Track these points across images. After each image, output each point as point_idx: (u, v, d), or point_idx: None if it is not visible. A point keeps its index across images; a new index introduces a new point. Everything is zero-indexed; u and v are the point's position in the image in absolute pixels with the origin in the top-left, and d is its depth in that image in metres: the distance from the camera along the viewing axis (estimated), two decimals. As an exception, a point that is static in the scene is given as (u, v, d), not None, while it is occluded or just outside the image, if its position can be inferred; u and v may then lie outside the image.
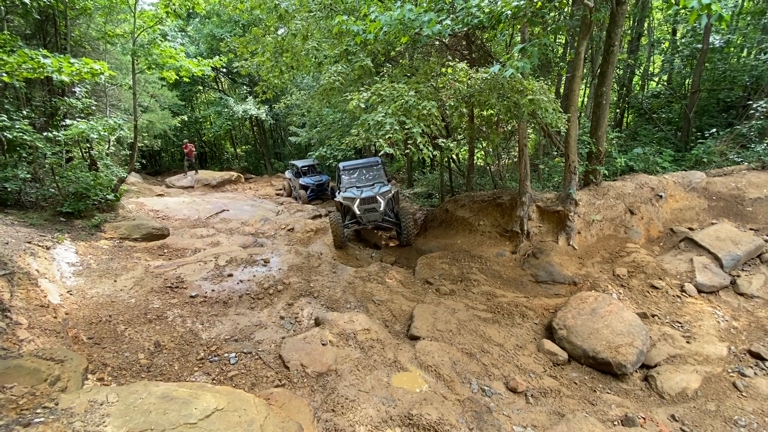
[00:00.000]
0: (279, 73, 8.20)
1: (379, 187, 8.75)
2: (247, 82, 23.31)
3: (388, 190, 8.71)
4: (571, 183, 6.81)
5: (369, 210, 8.38)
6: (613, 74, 7.84)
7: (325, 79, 6.12)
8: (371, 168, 9.38)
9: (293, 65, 7.98)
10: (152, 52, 8.64)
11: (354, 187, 8.88)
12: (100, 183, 8.49)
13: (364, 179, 9.17)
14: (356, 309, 6.05)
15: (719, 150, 9.01)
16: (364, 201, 8.35)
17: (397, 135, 4.25)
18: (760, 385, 4.23)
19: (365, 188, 8.81)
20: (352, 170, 9.34)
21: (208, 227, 10.19)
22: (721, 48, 11.65)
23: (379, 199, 8.40)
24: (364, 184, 9.05)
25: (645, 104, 13.19)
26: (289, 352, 4.61)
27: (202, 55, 17.32)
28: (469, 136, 9.35)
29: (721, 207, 7.30)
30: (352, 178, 9.21)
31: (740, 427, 3.79)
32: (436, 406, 3.97)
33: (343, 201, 8.52)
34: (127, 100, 12.50)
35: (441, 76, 5.84)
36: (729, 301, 5.48)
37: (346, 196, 8.53)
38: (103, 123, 7.81)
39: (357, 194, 8.45)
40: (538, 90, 5.08)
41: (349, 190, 8.73)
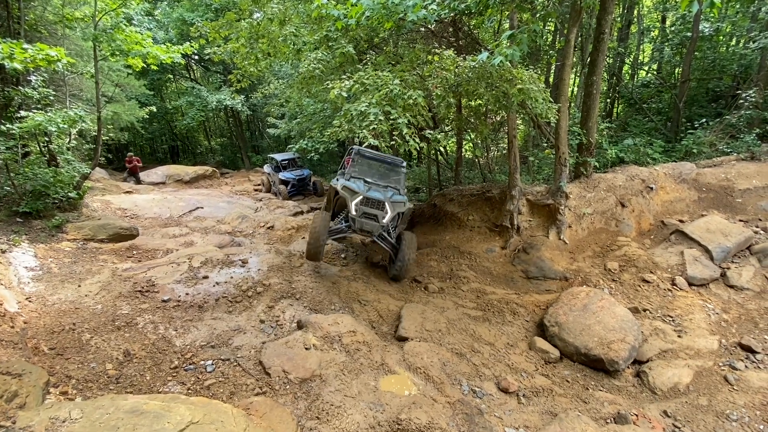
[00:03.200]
0: (255, 61, 8.02)
1: (392, 193, 7.00)
2: (221, 70, 22.82)
3: (402, 202, 6.90)
4: (562, 175, 6.89)
5: (369, 216, 6.53)
6: (604, 63, 7.95)
7: (304, 67, 6.00)
8: (393, 169, 7.54)
9: (270, 52, 7.81)
10: (116, 37, 8.32)
11: (361, 180, 6.97)
12: (60, 180, 8.18)
13: (378, 177, 7.31)
14: (341, 310, 6.01)
15: (709, 140, 9.27)
16: (368, 202, 6.52)
17: (382, 126, 4.20)
18: (751, 378, 4.39)
19: (375, 187, 6.94)
20: (369, 160, 7.41)
21: (181, 226, 9.96)
22: (711, 36, 11.97)
23: (387, 207, 6.55)
24: (376, 182, 7.14)
25: (635, 94, 13.47)
26: (270, 358, 4.55)
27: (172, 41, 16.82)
28: (457, 128, 9.37)
29: (711, 198, 7.51)
30: (364, 168, 7.33)
31: (732, 422, 3.92)
32: (425, 410, 3.98)
33: (340, 189, 6.62)
34: (90, 90, 12.07)
35: (427, 64, 5.80)
36: (719, 293, 5.65)
37: (348, 185, 6.61)
38: (62, 115, 7.50)
39: (362, 189, 6.61)
40: (528, 79, 5.10)
41: (354, 181, 6.86)
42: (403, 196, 7.17)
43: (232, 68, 17.20)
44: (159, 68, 16.96)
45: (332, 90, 4.72)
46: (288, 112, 17.20)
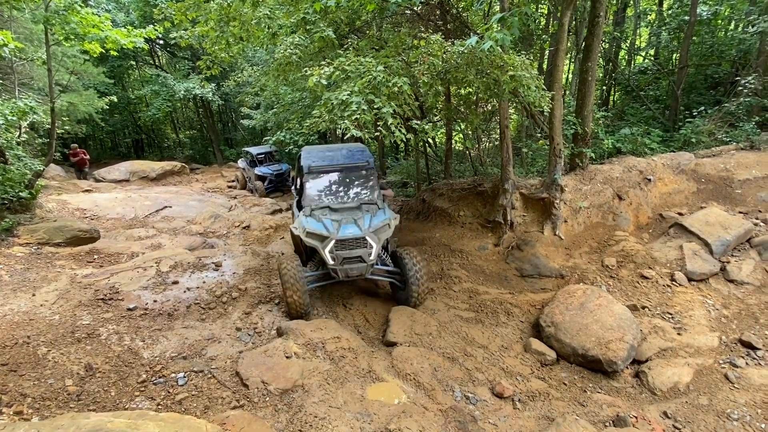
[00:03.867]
0: (226, 46, 7.89)
1: (369, 216, 5.76)
2: (189, 56, 22.40)
3: (385, 223, 5.77)
4: (556, 167, 7.00)
5: (350, 259, 5.49)
6: (599, 48, 8.08)
7: (280, 53, 5.94)
8: (355, 172, 6.26)
9: (242, 36, 7.70)
10: (70, 19, 8.08)
11: (327, 210, 5.79)
12: (10, 178, 7.93)
13: (343, 194, 6.07)
14: (324, 315, 6.00)
15: (708, 129, 9.53)
16: (344, 244, 5.43)
17: (366, 116, 4.19)
18: (752, 375, 4.55)
19: (344, 214, 5.75)
20: (324, 173, 6.20)
21: (148, 227, 9.78)
22: (709, 20, 12.29)
23: (369, 242, 5.47)
24: (343, 203, 5.94)
25: (632, 81, 13.75)
26: (247, 368, 4.52)
27: (134, 24, 16.44)
28: (446, 118, 9.42)
29: (710, 190, 7.74)
30: (323, 188, 6.10)
31: (733, 421, 4.07)
32: (416, 419, 4.01)
33: (304, 238, 5.52)
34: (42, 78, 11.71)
35: (413, 49, 5.81)
36: (719, 288, 5.84)
37: (311, 229, 5.52)
38: (10, 106, 7.27)
39: (331, 229, 5.47)
40: (520, 65, 5.15)
41: (317, 216, 5.69)
42: (384, 211, 6.01)
43: (200, 54, 16.91)
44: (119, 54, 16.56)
45: (311, 77, 4.68)
46: (264, 102, 17.02)
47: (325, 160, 6.34)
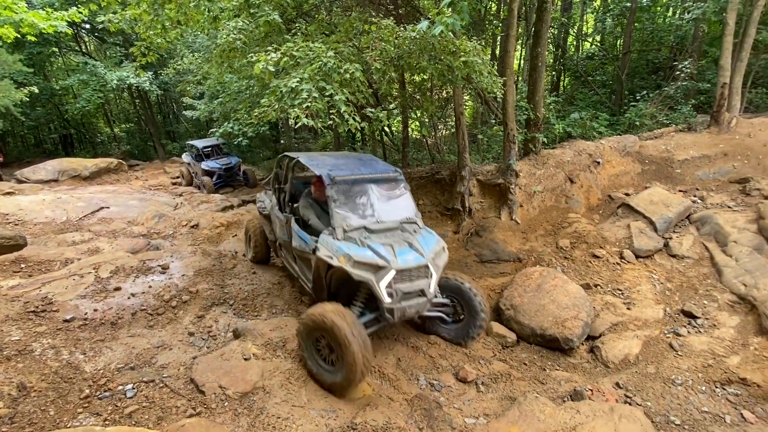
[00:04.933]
0: (162, 31, 7.48)
1: (421, 238, 4.71)
2: (121, 42, 21.04)
3: (440, 244, 4.85)
4: (511, 153, 7.26)
5: (410, 294, 4.39)
6: (548, 34, 8.41)
7: (222, 38, 5.71)
8: (386, 184, 5.19)
9: (180, 20, 7.32)
10: (-24, 0, 7.37)
11: (363, 231, 4.56)
12: None
13: (380, 211, 4.88)
14: (285, 313, 5.93)
15: (650, 113, 10.21)
16: (404, 275, 4.33)
17: (318, 104, 4.14)
18: (693, 342, 4.99)
19: (389, 236, 4.61)
20: (353, 185, 4.90)
21: (82, 231, 9.18)
22: (649, 7, 13.10)
23: (431, 271, 4.50)
24: (382, 223, 4.73)
25: (580, 66, 14.45)
26: (203, 374, 4.40)
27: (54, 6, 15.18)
28: (401, 105, 9.48)
29: (653, 170, 8.33)
30: (355, 205, 4.84)
31: (678, 386, 4.46)
32: (382, 410, 4.08)
33: (351, 270, 4.21)
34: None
35: (364, 34, 5.78)
36: (663, 263, 6.32)
37: (361, 257, 4.24)
38: None
39: (387, 256, 4.25)
40: (472, 51, 5.27)
41: (358, 240, 4.43)
42: (428, 231, 5.02)
43: (134, 39, 15.92)
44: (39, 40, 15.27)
45: (257, 64, 4.55)
46: (207, 91, 16.32)
47: (344, 170, 5.00)
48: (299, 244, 5.08)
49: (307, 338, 4.34)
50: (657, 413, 4.18)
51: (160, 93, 20.62)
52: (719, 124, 8.60)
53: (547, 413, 3.91)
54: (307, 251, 4.87)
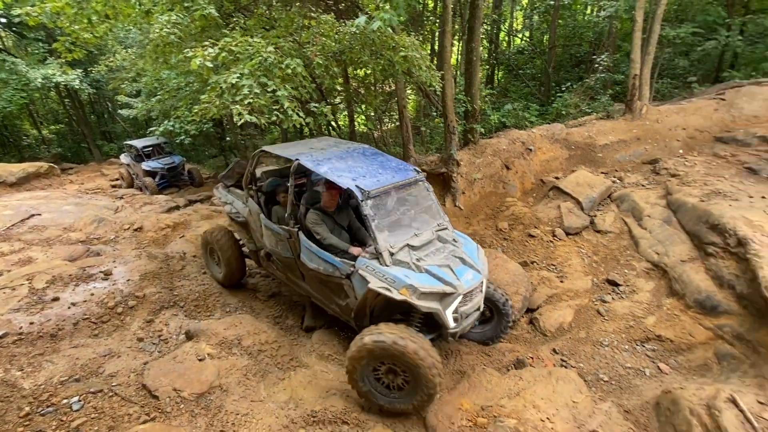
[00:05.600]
0: (88, 25, 6.86)
1: (465, 249, 4.35)
2: (44, 38, 19.09)
3: (481, 250, 4.56)
4: (452, 143, 7.44)
5: (469, 313, 4.11)
6: (481, 30, 8.65)
7: (155, 33, 5.33)
8: (412, 189, 4.53)
9: (108, 13, 6.75)
10: None
11: (407, 249, 4.00)
12: None
13: (416, 222, 4.34)
14: (239, 311, 5.75)
15: (574, 102, 10.84)
16: (468, 296, 3.98)
17: (260, 100, 4.00)
18: (617, 307, 5.42)
19: (432, 251, 4.15)
20: (385, 195, 4.19)
21: (11, 241, 8.33)
22: (569, 5, 13.82)
23: (483, 284, 4.25)
24: (421, 236, 4.19)
25: (512, 60, 15.02)
26: (156, 379, 4.19)
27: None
28: (346, 100, 9.40)
29: (578, 155, 8.87)
30: (391, 218, 4.19)
31: (605, 347, 4.84)
32: (340, 396, 4.10)
33: (417, 302, 3.66)
34: None
35: (305, 29, 5.65)
36: (590, 239, 6.79)
37: (428, 287, 3.71)
38: None
39: (452, 280, 3.81)
40: (411, 46, 5.31)
41: (410, 263, 3.89)
42: (461, 236, 4.65)
43: (58, 35, 14.47)
44: (-56, 35, 13.48)
45: (193, 60, 4.31)
46: (144, 89, 15.27)
47: (367, 177, 4.24)
48: (322, 267, 4.23)
49: (366, 367, 3.73)
50: (588, 373, 4.52)
51: (92, 92, 18.99)
52: (632, 111, 9.30)
53: (493, 382, 4.10)
54: (337, 275, 4.10)
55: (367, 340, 3.60)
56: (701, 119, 9.01)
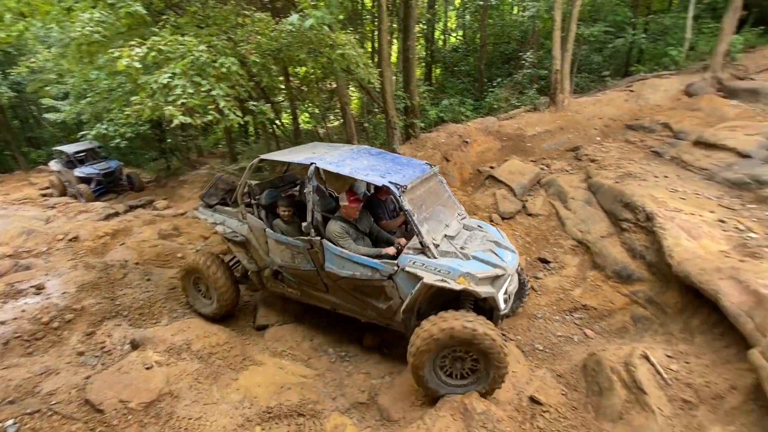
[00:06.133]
0: (1, 24, 6.15)
1: (492, 233, 4.52)
2: (-51, 37, 16.87)
3: (504, 234, 4.73)
4: (394, 138, 7.52)
5: (512, 293, 4.25)
6: (415, 28, 8.77)
7: (76, 32, 4.88)
8: (432, 182, 4.55)
9: (24, 11, 6.09)
10: None
11: (446, 240, 4.02)
12: None
13: (443, 213, 4.40)
14: (186, 316, 5.49)
15: (504, 97, 11.31)
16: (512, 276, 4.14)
17: (194, 100, 3.80)
18: (548, 283, 5.77)
19: (466, 238, 4.23)
20: (415, 190, 4.12)
21: (-76, 260, 7.37)
22: (497, 5, 14.35)
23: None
24: (456, 227, 4.31)
25: (447, 58, 15.37)
26: (99, 392, 3.91)
27: None
28: (288, 98, 9.18)
29: (510, 146, 9.29)
30: (426, 214, 4.12)
31: (539, 319, 5.14)
32: (295, 390, 4.05)
33: (477, 288, 3.61)
34: None
35: (240, 27, 5.43)
36: (522, 221, 7.16)
37: (483, 272, 3.71)
38: None
39: (501, 262, 3.88)
40: (348, 44, 5.28)
41: (456, 252, 3.87)
42: (482, 222, 4.79)
43: (-35, 33, 12.84)
44: None
45: (120, 60, 4.01)
46: (72, 90, 13.97)
47: (393, 173, 4.13)
48: (359, 272, 4.01)
49: (433, 359, 3.59)
50: (525, 344, 4.79)
51: (13, 95, 17.11)
52: (556, 104, 9.88)
53: (441, 362, 4.23)
54: (377, 278, 3.94)
55: (434, 330, 3.44)
56: (614, 109, 9.75)
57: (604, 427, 3.34)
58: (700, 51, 10.66)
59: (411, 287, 3.78)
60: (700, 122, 8.03)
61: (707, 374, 3.43)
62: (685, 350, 3.78)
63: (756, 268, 3.81)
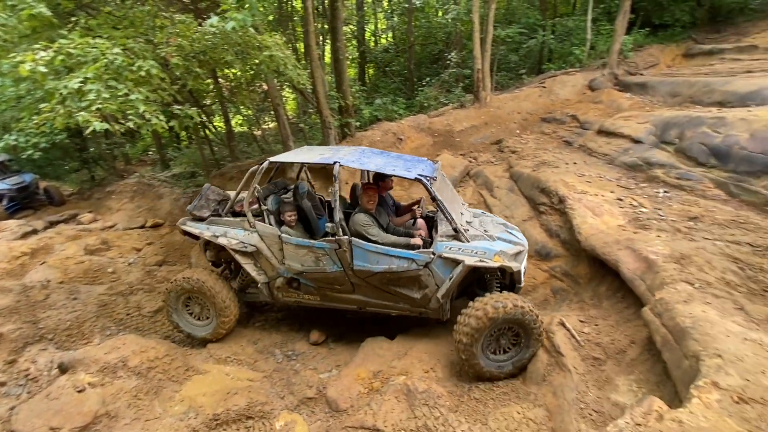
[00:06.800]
0: None
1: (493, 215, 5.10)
2: None
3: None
4: (330, 138, 7.50)
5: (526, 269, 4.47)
6: (343, 29, 8.77)
7: (-33, 34, 4.28)
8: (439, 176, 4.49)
9: None
10: None
11: (470, 226, 4.33)
12: None
13: (455, 201, 4.63)
14: (121, 332, 5.11)
15: (433, 95, 11.68)
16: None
17: (111, 105, 3.52)
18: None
19: (476, 222, 4.53)
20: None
21: None
22: (422, 7, 14.71)
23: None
24: (468, 214, 4.68)
25: (379, 58, 15.52)
26: (26, 422, 3.55)
27: None
28: (219, 101, 8.78)
29: (441, 141, 9.63)
30: (448, 203, 4.21)
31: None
32: (242, 394, 3.93)
33: (509, 263, 3.97)
34: None
35: (159, 29, 5.10)
36: (456, 211, 7.48)
37: (509, 249, 4.07)
38: None
39: (518, 240, 4.31)
40: (274, 46, 5.16)
41: (478, 235, 4.16)
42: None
43: None
44: None
45: (22, 65, 3.60)
46: (-30, 99, 12.26)
47: (411, 167, 4.28)
48: (395, 265, 4.01)
49: (484, 338, 3.72)
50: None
51: None
52: (479, 100, 10.39)
53: (385, 348, 4.34)
54: (414, 268, 3.99)
55: (489, 309, 3.60)
56: (530, 104, 10.47)
57: (530, 389, 3.63)
58: (599, 50, 11.73)
59: (448, 272, 3.96)
60: (601, 113, 8.86)
61: (612, 333, 3.85)
62: (594, 314, 4.20)
63: (646, 238, 4.32)
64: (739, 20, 11.30)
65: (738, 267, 3.62)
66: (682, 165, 5.90)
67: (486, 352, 3.82)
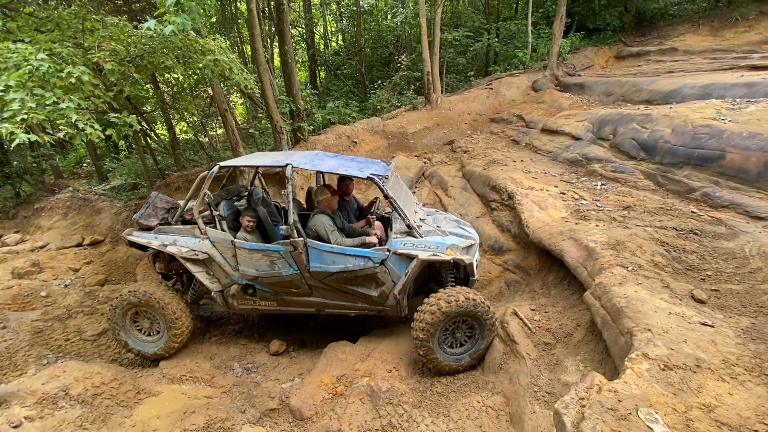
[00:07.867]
0: None
1: (453, 217, 5.23)
2: None
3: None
4: (282, 143, 7.44)
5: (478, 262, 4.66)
6: (291, 32, 8.74)
7: None
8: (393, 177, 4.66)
9: None
10: None
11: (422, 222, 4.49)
12: None
13: (408, 199, 4.80)
14: (60, 360, 4.78)
15: (386, 98, 11.89)
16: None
17: (38, 115, 3.31)
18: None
19: (430, 218, 4.75)
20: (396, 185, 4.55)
21: None
22: (371, 11, 14.93)
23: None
24: (424, 213, 4.91)
25: (330, 61, 15.54)
26: (-50, 469, 3.24)
27: None
28: (160, 107, 8.43)
29: (395, 143, 9.84)
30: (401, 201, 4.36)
31: (432, 298, 5.56)
32: (200, 412, 3.83)
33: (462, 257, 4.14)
34: None
35: (89, 32, 4.85)
36: (412, 212, 7.67)
37: (461, 243, 4.25)
38: None
39: (470, 234, 4.54)
40: (217, 49, 5.07)
41: (432, 231, 4.31)
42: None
43: None
44: None
45: (-71, 72, 3.30)
46: None
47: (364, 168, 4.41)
48: (352, 264, 4.10)
49: (439, 332, 3.91)
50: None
51: None
52: (431, 102, 10.72)
53: (347, 351, 4.39)
54: (370, 266, 4.10)
55: (441, 304, 3.80)
56: (479, 105, 10.95)
57: (489, 378, 3.83)
58: (540, 52, 12.50)
59: (404, 268, 4.11)
60: (544, 113, 9.45)
61: (560, 318, 4.15)
62: (544, 302, 4.50)
63: (586, 228, 4.70)
64: (662, 24, 12.49)
65: (665, 249, 4.04)
66: (616, 159, 6.44)
67: (443, 346, 4.00)
